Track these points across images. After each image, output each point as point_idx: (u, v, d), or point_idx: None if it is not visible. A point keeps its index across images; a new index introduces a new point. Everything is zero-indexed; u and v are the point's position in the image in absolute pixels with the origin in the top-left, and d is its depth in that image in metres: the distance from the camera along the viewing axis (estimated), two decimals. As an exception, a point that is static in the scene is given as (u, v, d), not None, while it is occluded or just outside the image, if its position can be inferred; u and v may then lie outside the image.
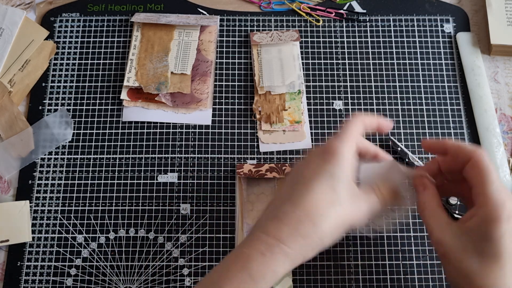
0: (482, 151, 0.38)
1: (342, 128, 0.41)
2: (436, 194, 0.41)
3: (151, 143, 0.56)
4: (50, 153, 0.56)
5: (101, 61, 0.60)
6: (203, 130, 0.56)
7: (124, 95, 0.57)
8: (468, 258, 0.36)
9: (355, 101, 0.57)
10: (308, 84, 0.58)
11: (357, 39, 0.60)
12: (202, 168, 0.55)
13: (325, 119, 0.57)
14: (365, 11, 0.62)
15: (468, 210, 0.38)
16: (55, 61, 0.60)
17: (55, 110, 0.57)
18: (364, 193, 0.40)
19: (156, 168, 0.55)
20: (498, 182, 0.37)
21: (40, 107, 0.57)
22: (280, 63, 0.58)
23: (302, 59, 0.59)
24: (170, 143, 0.56)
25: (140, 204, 0.53)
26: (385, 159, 0.44)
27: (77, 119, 0.57)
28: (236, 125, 0.57)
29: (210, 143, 0.56)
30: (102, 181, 0.54)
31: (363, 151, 0.43)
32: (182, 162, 0.55)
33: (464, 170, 0.39)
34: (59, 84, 0.59)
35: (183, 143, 0.56)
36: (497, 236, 0.35)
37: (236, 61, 0.60)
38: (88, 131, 0.56)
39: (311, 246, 0.37)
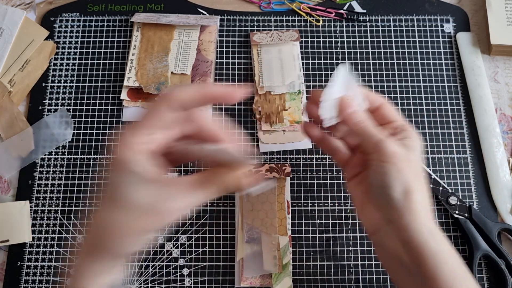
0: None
1: (142, 118, 0.34)
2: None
3: (151, 143, 0.56)
4: (50, 153, 0.56)
5: (101, 61, 0.60)
6: (203, 130, 0.56)
7: (124, 95, 0.57)
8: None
9: (355, 101, 0.57)
10: (308, 84, 0.58)
11: (357, 39, 0.60)
12: (202, 168, 0.55)
13: (325, 119, 0.57)
14: (365, 11, 0.62)
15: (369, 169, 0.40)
16: (55, 61, 0.60)
17: (55, 110, 0.57)
18: (173, 188, 0.33)
19: (156, 168, 0.55)
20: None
21: (40, 107, 0.57)
22: (280, 63, 0.58)
23: (302, 59, 0.59)
24: (170, 143, 0.56)
25: (140, 204, 0.53)
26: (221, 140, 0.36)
27: (77, 119, 0.57)
28: (236, 125, 0.57)
29: (210, 143, 0.56)
30: (102, 181, 0.54)
31: (205, 134, 0.36)
32: (182, 162, 0.55)
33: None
34: (59, 84, 0.59)
35: (183, 143, 0.56)
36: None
37: (236, 61, 0.60)
38: (88, 131, 0.56)
39: (99, 262, 0.34)
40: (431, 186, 0.53)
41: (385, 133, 0.40)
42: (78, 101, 0.58)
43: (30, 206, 0.53)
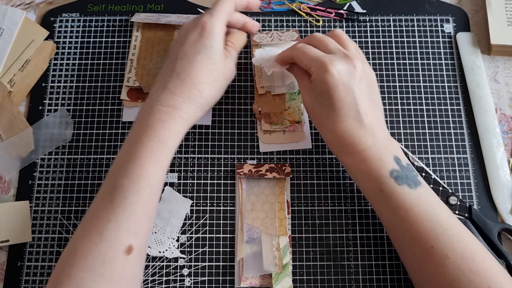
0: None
1: (214, 4, 0.49)
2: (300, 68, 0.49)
3: (151, 143, 0.56)
4: (50, 153, 0.56)
5: (101, 61, 0.60)
6: (203, 130, 0.56)
7: (124, 95, 0.57)
8: (318, 111, 0.47)
9: (355, 101, 0.57)
10: (308, 84, 0.58)
11: (357, 39, 0.60)
12: (202, 168, 0.55)
13: (325, 119, 0.57)
14: (365, 11, 0.62)
15: None
16: (55, 61, 0.60)
17: (55, 110, 0.57)
18: (227, 52, 0.50)
19: (156, 168, 0.55)
20: (319, 52, 0.47)
21: (40, 107, 0.57)
22: (280, 63, 0.58)
23: (302, 59, 0.59)
24: (170, 143, 0.56)
25: (140, 204, 0.53)
26: (253, 27, 0.54)
27: (77, 119, 0.57)
28: (236, 125, 0.57)
29: (210, 143, 0.56)
30: (102, 181, 0.54)
31: (233, 22, 0.52)
32: (182, 162, 0.55)
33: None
34: (59, 84, 0.59)
35: (183, 143, 0.56)
36: (327, 90, 0.45)
37: (236, 61, 0.59)
38: (88, 131, 0.56)
39: (199, 108, 0.47)
40: (431, 186, 0.53)
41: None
42: (78, 101, 0.58)
43: (30, 206, 0.53)
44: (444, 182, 0.54)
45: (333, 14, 0.61)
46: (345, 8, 0.62)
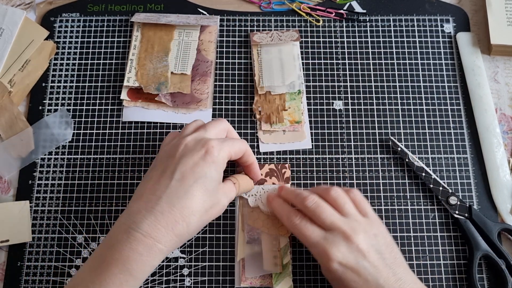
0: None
1: (230, 140, 0.46)
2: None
3: (151, 143, 0.56)
4: (50, 153, 0.56)
5: (101, 61, 0.60)
6: (203, 130, 0.56)
7: (124, 95, 0.57)
8: (335, 285, 0.45)
9: (355, 101, 0.57)
10: (308, 84, 0.58)
11: (357, 39, 0.60)
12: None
13: (325, 119, 0.57)
14: (365, 11, 0.62)
15: None
16: (55, 61, 0.60)
17: (55, 110, 0.57)
18: (227, 187, 0.47)
19: (156, 168, 0.55)
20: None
21: (40, 107, 0.57)
22: (280, 63, 0.58)
23: (302, 59, 0.59)
24: (170, 143, 0.56)
25: (140, 204, 0.53)
26: (256, 175, 0.52)
27: (77, 119, 0.57)
28: (236, 125, 0.57)
29: (210, 143, 0.56)
30: (102, 181, 0.54)
31: (243, 160, 0.49)
32: (182, 162, 0.55)
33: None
34: (59, 84, 0.59)
35: (183, 143, 0.56)
36: (336, 278, 0.44)
37: (236, 61, 0.60)
38: (88, 131, 0.56)
39: (181, 241, 0.42)
40: (431, 186, 0.53)
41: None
42: (78, 101, 0.58)
43: (30, 206, 0.53)
44: (444, 182, 0.54)
45: (333, 14, 0.61)
46: (345, 8, 0.62)
